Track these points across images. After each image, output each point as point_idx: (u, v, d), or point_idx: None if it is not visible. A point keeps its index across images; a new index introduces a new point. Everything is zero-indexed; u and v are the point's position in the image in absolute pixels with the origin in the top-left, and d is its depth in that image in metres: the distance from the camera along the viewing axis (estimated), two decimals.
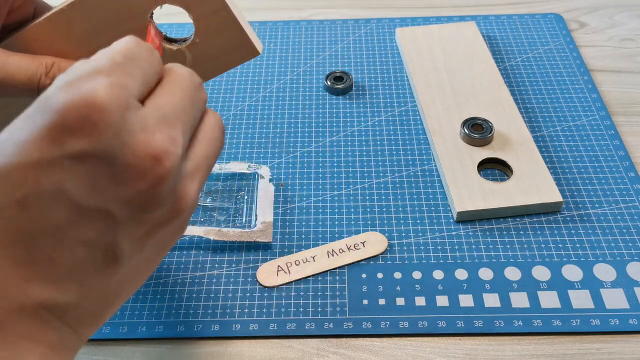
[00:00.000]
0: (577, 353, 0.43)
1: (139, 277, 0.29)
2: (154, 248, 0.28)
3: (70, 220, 0.24)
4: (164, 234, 0.28)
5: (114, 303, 0.28)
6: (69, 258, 0.25)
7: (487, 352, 0.43)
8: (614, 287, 0.46)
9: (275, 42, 0.72)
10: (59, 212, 0.24)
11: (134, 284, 0.29)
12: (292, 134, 0.60)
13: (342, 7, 0.78)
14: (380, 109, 0.62)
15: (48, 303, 0.25)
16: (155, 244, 0.28)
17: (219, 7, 0.36)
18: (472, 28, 0.69)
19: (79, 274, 0.25)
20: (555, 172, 0.55)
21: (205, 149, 0.29)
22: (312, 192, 0.54)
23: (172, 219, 0.27)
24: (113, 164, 0.24)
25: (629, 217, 0.51)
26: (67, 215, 0.24)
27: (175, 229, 0.29)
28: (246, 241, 0.50)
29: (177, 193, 0.27)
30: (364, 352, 0.44)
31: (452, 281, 0.47)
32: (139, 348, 0.44)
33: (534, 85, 0.64)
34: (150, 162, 0.25)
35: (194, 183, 0.28)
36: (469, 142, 0.56)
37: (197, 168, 0.28)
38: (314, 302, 0.46)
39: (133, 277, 0.28)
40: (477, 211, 0.51)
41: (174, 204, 0.27)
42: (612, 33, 0.72)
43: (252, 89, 0.65)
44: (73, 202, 0.24)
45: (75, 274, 0.25)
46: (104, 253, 0.26)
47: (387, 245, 0.50)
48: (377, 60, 0.68)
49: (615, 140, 0.58)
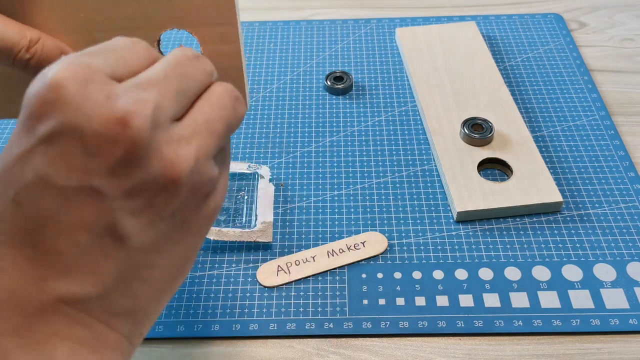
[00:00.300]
0: (577, 353, 0.43)
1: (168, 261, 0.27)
2: (170, 225, 0.26)
3: (60, 205, 0.24)
4: (174, 207, 0.26)
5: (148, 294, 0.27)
6: (74, 246, 0.24)
7: (487, 352, 0.43)
8: (614, 287, 0.46)
9: (275, 42, 0.72)
10: (47, 200, 0.24)
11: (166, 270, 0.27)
12: (292, 134, 0.60)
13: (342, 7, 0.78)
14: (380, 109, 0.62)
15: (66, 297, 0.24)
16: (169, 220, 0.26)
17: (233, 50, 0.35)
18: (472, 28, 0.69)
19: (89, 261, 0.25)
20: (555, 172, 0.55)
21: (206, 114, 0.27)
22: (312, 192, 0.54)
23: (170, 189, 0.25)
24: (82, 137, 0.24)
25: (629, 217, 0.51)
26: (56, 201, 0.24)
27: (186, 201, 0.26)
28: (246, 241, 0.50)
29: (165, 158, 0.25)
30: (364, 352, 0.44)
31: (452, 281, 0.47)
32: (139, 348, 0.44)
33: (534, 85, 0.64)
34: (116, 126, 0.24)
35: (189, 147, 0.26)
36: (469, 142, 0.56)
37: (193, 132, 0.26)
38: (314, 302, 0.46)
39: (160, 262, 0.27)
40: (477, 211, 0.51)
41: (164, 169, 0.25)
42: (612, 33, 0.72)
43: (252, 89, 0.65)
44: (57, 186, 0.24)
45: (85, 262, 0.25)
46: (107, 234, 0.25)
47: (387, 245, 0.50)
48: (377, 60, 0.68)
49: (615, 140, 0.58)
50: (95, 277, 0.25)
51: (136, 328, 0.27)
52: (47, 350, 0.24)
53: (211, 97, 0.28)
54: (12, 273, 0.24)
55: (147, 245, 0.26)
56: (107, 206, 0.24)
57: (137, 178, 0.25)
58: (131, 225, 0.25)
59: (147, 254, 0.26)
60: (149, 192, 0.25)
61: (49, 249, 0.24)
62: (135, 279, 0.26)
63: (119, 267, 0.25)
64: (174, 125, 0.26)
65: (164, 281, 0.28)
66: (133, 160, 0.24)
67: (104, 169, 0.24)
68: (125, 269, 0.26)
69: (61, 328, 0.24)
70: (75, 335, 0.25)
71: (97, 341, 0.25)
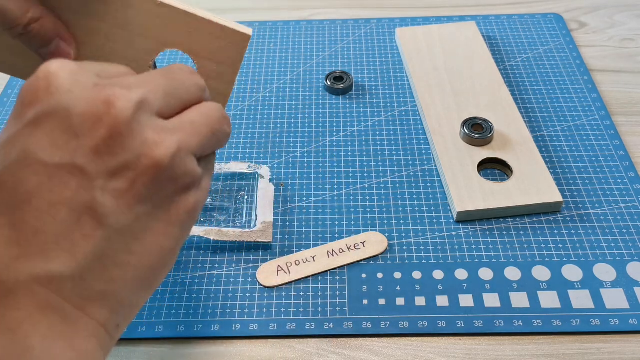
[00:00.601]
0: (577, 353, 0.43)
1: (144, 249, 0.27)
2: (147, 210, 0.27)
3: (42, 182, 0.25)
4: (152, 192, 0.27)
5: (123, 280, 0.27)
6: (52, 224, 0.25)
7: (487, 352, 0.43)
8: (614, 287, 0.46)
9: (275, 42, 0.72)
10: (30, 177, 0.25)
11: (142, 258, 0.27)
12: (292, 134, 0.60)
13: (342, 7, 0.78)
14: (380, 109, 0.62)
15: (41, 276, 0.24)
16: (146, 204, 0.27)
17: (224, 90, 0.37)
18: (472, 28, 0.69)
19: (66, 240, 0.25)
20: (555, 172, 0.55)
21: (193, 117, 0.29)
22: (312, 192, 0.54)
23: (151, 171, 0.26)
24: (68, 117, 0.25)
25: (629, 217, 0.51)
26: (39, 178, 0.25)
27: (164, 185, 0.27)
28: (246, 241, 0.50)
29: (148, 140, 0.26)
30: (364, 352, 0.44)
31: (452, 281, 0.47)
32: (139, 348, 0.44)
33: (534, 85, 0.64)
34: (102, 106, 0.25)
35: (172, 136, 0.27)
36: (469, 142, 0.56)
37: (177, 127, 0.28)
38: (314, 302, 0.46)
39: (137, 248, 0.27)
40: (477, 211, 0.51)
41: (146, 149, 0.26)
42: (612, 33, 0.72)
43: (252, 89, 0.65)
44: (40, 162, 0.25)
45: (62, 240, 0.25)
46: (86, 213, 0.25)
47: (387, 245, 0.50)
48: (377, 60, 0.68)
49: (615, 140, 0.58)
50: (71, 256, 0.25)
51: (112, 317, 0.27)
52: (19, 337, 0.24)
53: (199, 108, 0.30)
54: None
55: (125, 227, 0.26)
56: (88, 184, 0.25)
57: (119, 158, 0.26)
58: (110, 205, 0.26)
59: (123, 237, 0.26)
60: (130, 173, 0.26)
61: (26, 228, 0.24)
62: (111, 262, 0.26)
63: (96, 248, 0.25)
64: (159, 119, 0.28)
65: (142, 270, 0.27)
66: (116, 139, 0.25)
67: (87, 148, 0.25)
68: (101, 250, 0.26)
69: (34, 312, 0.24)
70: (47, 320, 0.24)
71: (69, 326, 0.25)
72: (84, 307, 0.26)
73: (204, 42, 0.36)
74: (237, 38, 0.36)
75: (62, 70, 0.26)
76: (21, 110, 0.26)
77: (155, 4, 0.35)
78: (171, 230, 0.28)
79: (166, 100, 0.28)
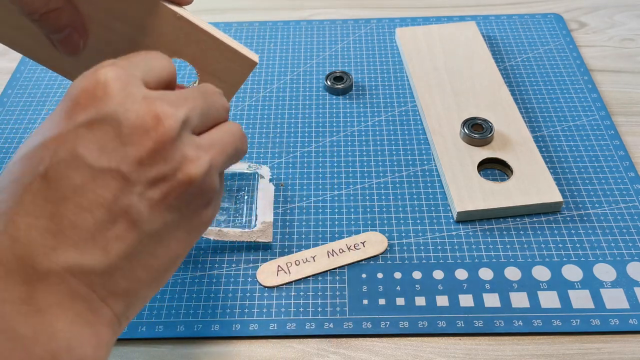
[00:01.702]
0: (577, 353, 0.43)
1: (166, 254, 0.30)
2: (174, 219, 0.29)
3: (86, 181, 0.27)
4: (182, 203, 0.29)
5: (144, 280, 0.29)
6: (90, 221, 0.27)
7: (487, 352, 0.43)
8: (614, 287, 0.46)
9: (275, 42, 0.72)
10: (75, 176, 0.27)
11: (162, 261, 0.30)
12: (292, 134, 0.60)
13: (342, 7, 0.78)
14: (380, 109, 0.62)
15: (74, 267, 0.26)
16: (175, 214, 0.29)
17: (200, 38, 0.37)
18: (472, 28, 0.69)
19: (101, 237, 0.27)
20: (555, 172, 0.55)
21: (220, 135, 0.32)
22: (312, 192, 0.54)
23: (184, 185, 0.29)
24: (119, 126, 0.27)
25: (629, 217, 0.51)
26: (83, 178, 0.27)
27: (193, 200, 0.30)
28: (246, 241, 0.50)
29: (186, 156, 0.29)
30: (364, 352, 0.44)
31: (452, 281, 0.47)
32: (139, 348, 0.44)
33: (534, 85, 0.64)
34: (151, 121, 0.27)
35: (205, 154, 0.30)
36: (469, 142, 0.56)
37: (210, 144, 0.30)
38: (314, 302, 0.46)
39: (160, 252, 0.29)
40: (477, 211, 0.51)
41: (183, 165, 0.28)
42: (612, 33, 0.72)
43: (252, 89, 0.65)
44: (87, 164, 0.27)
45: (97, 237, 0.27)
46: (122, 216, 0.27)
47: (387, 245, 0.50)
48: (377, 60, 0.68)
49: (615, 140, 0.58)
50: (104, 254, 0.27)
51: (127, 310, 0.29)
52: (48, 319, 0.26)
53: (225, 127, 0.33)
54: (23, 241, 0.26)
55: (154, 233, 0.29)
56: (128, 190, 0.27)
57: (159, 170, 0.28)
58: (145, 211, 0.28)
59: (152, 242, 0.29)
60: (167, 185, 0.28)
61: (65, 222, 0.26)
62: (137, 263, 0.28)
63: (126, 249, 0.28)
64: (195, 136, 0.30)
65: (159, 271, 0.30)
66: (160, 153, 0.28)
67: (133, 157, 0.27)
68: (131, 252, 0.28)
69: (63, 299, 0.26)
70: (75, 307, 0.26)
71: (94, 316, 0.27)
72: (107, 299, 0.28)
73: (213, 60, 0.38)
74: (244, 62, 0.38)
75: (117, 81, 0.28)
76: (74, 110, 0.27)
77: (174, 17, 0.36)
78: (189, 238, 0.31)
79: (201, 119, 0.31)
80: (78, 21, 0.36)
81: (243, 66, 0.38)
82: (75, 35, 0.37)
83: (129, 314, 0.29)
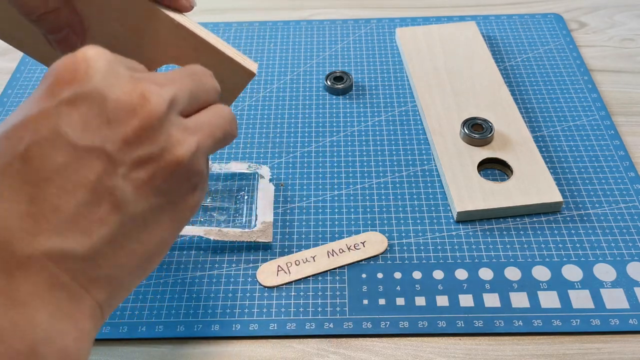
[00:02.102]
0: (577, 353, 0.43)
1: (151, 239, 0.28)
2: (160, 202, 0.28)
3: (69, 162, 0.25)
4: (168, 186, 0.28)
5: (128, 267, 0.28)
6: (72, 203, 0.25)
7: (487, 352, 0.43)
8: (614, 287, 0.46)
9: (275, 42, 0.72)
10: (58, 155, 0.25)
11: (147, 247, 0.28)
12: (292, 134, 0.60)
13: (342, 7, 0.78)
14: (380, 109, 0.62)
15: (54, 253, 0.25)
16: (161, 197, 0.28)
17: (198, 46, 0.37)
18: (472, 28, 0.69)
19: (84, 221, 0.25)
20: (555, 172, 0.55)
21: (209, 117, 0.31)
22: (312, 192, 0.54)
23: (171, 167, 0.28)
24: (104, 103, 0.26)
25: (629, 217, 0.51)
26: (66, 158, 0.25)
27: (179, 184, 0.28)
28: (246, 241, 0.50)
29: (172, 137, 0.27)
30: (364, 352, 0.44)
31: (452, 281, 0.47)
32: (139, 348, 0.44)
33: (534, 85, 0.64)
34: (138, 99, 0.26)
35: (193, 136, 0.29)
36: (469, 142, 0.56)
37: (197, 127, 0.29)
38: (314, 302, 0.46)
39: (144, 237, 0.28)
40: (477, 211, 0.51)
41: (170, 146, 0.27)
42: (612, 33, 0.72)
43: (252, 89, 0.65)
44: (70, 143, 0.25)
45: (79, 221, 0.25)
46: (106, 198, 0.26)
47: (387, 245, 0.50)
48: (377, 60, 0.68)
49: (615, 140, 0.58)
50: (87, 238, 0.26)
51: (110, 299, 0.28)
52: (27, 310, 0.24)
53: (214, 109, 0.31)
54: (1, 226, 0.24)
55: (138, 217, 0.27)
56: (113, 171, 0.26)
57: (145, 150, 0.27)
58: (130, 193, 0.27)
59: (136, 226, 0.27)
60: (153, 166, 0.27)
61: (46, 204, 0.25)
62: (120, 248, 0.27)
63: (110, 232, 0.26)
64: (182, 117, 0.29)
65: (143, 258, 0.28)
66: (146, 132, 0.26)
67: (118, 136, 0.26)
68: (114, 236, 0.26)
69: (43, 288, 0.25)
70: (55, 297, 0.25)
71: (75, 305, 0.26)
72: (89, 287, 0.26)
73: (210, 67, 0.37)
74: (242, 72, 0.38)
75: (100, 56, 0.27)
76: (56, 87, 0.26)
77: (172, 24, 0.36)
78: (174, 224, 0.30)
79: (190, 101, 0.30)
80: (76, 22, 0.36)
81: (241, 76, 0.38)
82: (73, 36, 0.36)
83: (112, 303, 0.28)
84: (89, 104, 0.26)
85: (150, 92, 0.27)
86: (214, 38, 0.37)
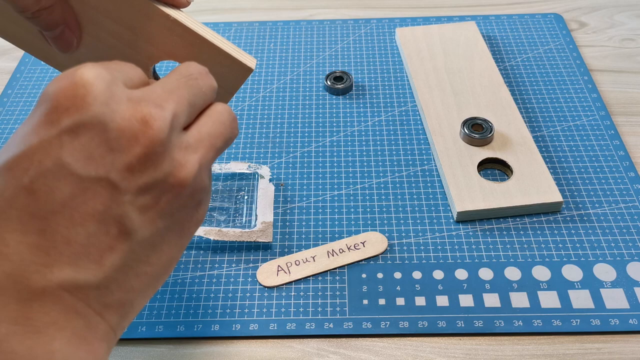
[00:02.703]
0: (577, 353, 0.43)
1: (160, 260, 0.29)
2: (167, 224, 0.28)
3: (75, 193, 0.25)
4: (174, 208, 0.28)
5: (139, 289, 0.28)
6: (82, 234, 0.25)
7: (487, 352, 0.43)
8: (614, 287, 0.46)
9: (275, 42, 0.72)
10: (63, 187, 0.25)
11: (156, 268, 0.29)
12: (292, 134, 0.60)
13: (342, 7, 0.78)
14: (380, 109, 0.62)
15: (68, 284, 0.25)
16: (167, 219, 0.28)
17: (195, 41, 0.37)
18: (472, 28, 0.69)
19: (95, 251, 0.26)
20: (555, 172, 0.55)
21: (209, 127, 0.30)
22: (312, 192, 0.54)
23: (175, 190, 0.28)
24: (105, 131, 0.25)
25: (629, 217, 0.51)
26: (72, 189, 0.25)
27: (185, 204, 0.29)
28: (246, 241, 0.50)
29: (175, 160, 0.27)
30: (364, 352, 0.44)
31: (452, 281, 0.47)
32: (139, 348, 0.44)
33: (534, 85, 0.64)
34: (139, 125, 0.26)
35: (195, 155, 0.28)
36: (469, 142, 0.56)
37: (198, 142, 0.29)
38: (314, 302, 0.46)
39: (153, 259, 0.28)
40: (477, 211, 0.51)
41: (173, 169, 0.27)
42: (612, 33, 0.72)
43: (252, 89, 0.65)
44: (74, 174, 0.25)
45: (90, 251, 0.26)
46: (114, 226, 0.26)
47: (387, 245, 0.50)
48: (377, 60, 0.68)
49: (615, 140, 0.58)
50: (98, 267, 0.26)
51: (122, 321, 0.28)
52: (45, 338, 0.25)
53: (214, 113, 0.31)
54: (14, 259, 0.24)
55: (146, 240, 0.27)
56: (119, 199, 0.26)
57: (150, 176, 0.27)
58: (137, 220, 0.27)
59: (145, 250, 0.28)
60: (157, 191, 0.27)
61: (57, 236, 0.25)
62: (132, 272, 0.27)
63: (121, 260, 0.27)
64: (183, 132, 0.29)
65: (153, 278, 0.29)
66: (150, 159, 0.26)
67: (122, 164, 0.26)
68: (125, 262, 0.27)
69: (59, 317, 0.25)
70: (71, 325, 0.25)
71: (90, 331, 0.26)
72: (103, 312, 0.27)
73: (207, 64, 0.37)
74: (240, 68, 0.37)
75: (99, 80, 0.26)
76: (54, 114, 0.25)
77: (167, 19, 0.35)
78: (181, 241, 0.30)
79: (189, 111, 0.29)
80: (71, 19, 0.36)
81: (238, 72, 0.37)
82: (68, 32, 0.36)
83: (124, 324, 0.29)
84: (91, 133, 0.25)
85: (151, 116, 0.26)
86: (211, 34, 0.36)
